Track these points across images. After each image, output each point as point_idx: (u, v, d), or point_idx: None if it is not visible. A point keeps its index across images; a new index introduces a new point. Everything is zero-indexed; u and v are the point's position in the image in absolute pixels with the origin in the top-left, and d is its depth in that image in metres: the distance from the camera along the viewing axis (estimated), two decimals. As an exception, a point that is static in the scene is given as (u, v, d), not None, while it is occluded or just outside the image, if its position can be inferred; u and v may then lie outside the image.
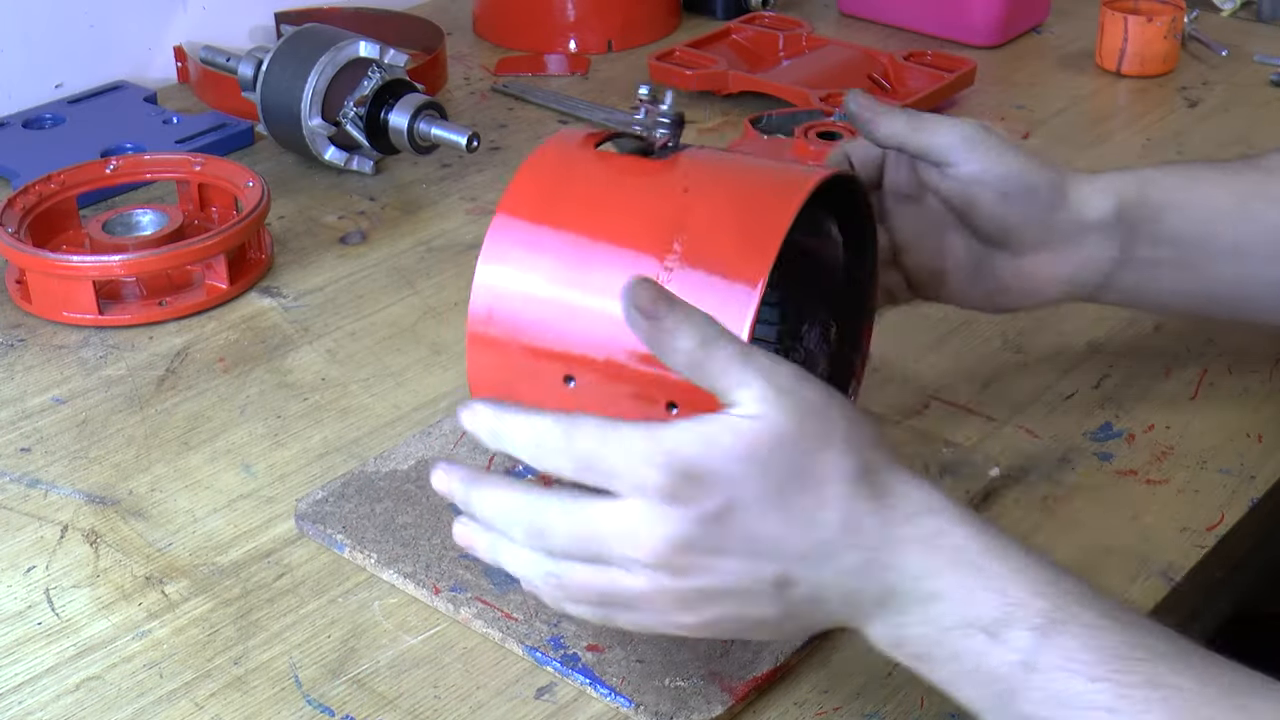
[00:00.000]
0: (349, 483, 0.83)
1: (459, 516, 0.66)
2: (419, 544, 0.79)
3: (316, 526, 0.80)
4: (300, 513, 0.81)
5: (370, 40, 1.18)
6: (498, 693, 0.71)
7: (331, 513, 0.81)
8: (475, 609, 0.75)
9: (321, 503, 0.82)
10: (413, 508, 0.81)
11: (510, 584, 0.76)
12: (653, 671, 0.71)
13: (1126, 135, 1.29)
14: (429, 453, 0.86)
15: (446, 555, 0.78)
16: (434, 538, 0.79)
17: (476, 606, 0.75)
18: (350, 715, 0.70)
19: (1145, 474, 0.85)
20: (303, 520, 0.81)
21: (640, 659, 0.72)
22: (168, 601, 0.77)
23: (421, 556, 0.78)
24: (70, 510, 0.84)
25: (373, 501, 0.82)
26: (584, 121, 1.32)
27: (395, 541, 0.79)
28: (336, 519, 0.81)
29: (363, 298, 1.05)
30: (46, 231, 1.08)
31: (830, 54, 1.39)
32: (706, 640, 0.72)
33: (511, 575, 0.65)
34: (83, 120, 1.30)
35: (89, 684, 0.72)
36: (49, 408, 0.93)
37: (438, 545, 0.79)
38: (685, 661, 0.72)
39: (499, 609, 0.75)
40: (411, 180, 1.22)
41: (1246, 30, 1.51)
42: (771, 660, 0.72)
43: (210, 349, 0.99)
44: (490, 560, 0.65)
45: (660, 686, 0.70)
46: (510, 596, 0.75)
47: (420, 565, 0.78)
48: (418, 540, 0.79)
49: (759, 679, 0.71)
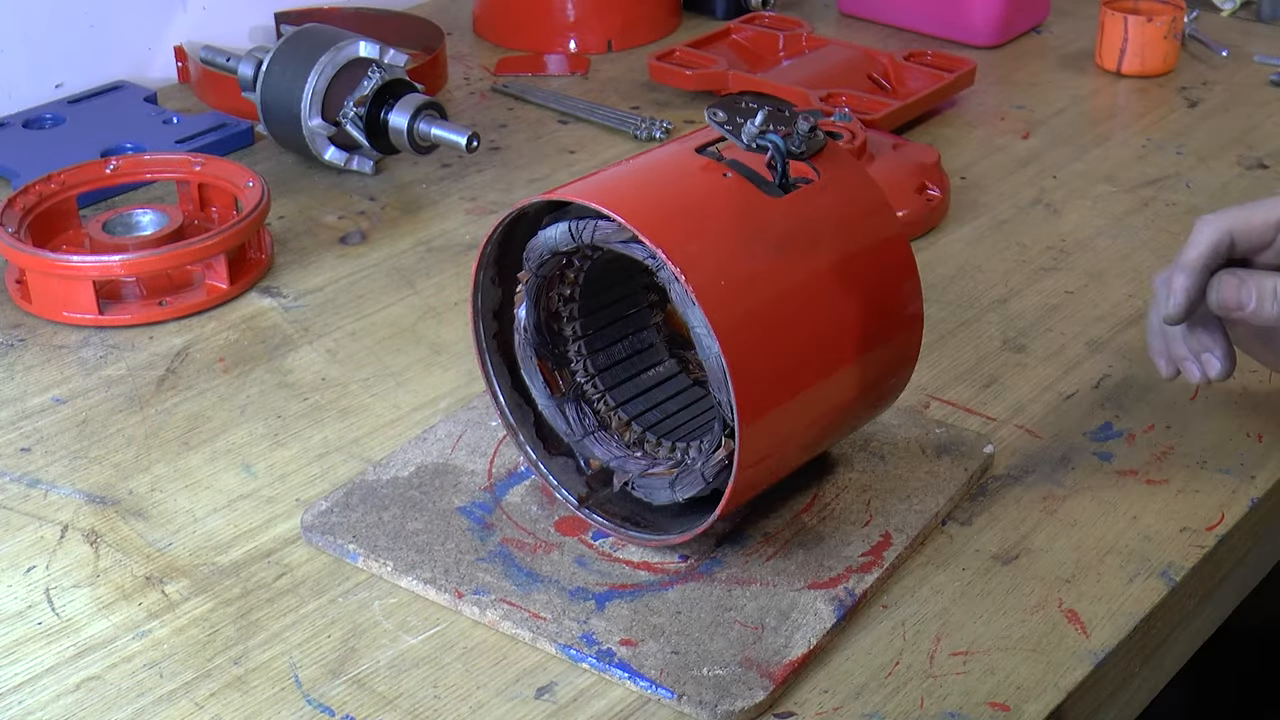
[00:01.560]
0: (352, 492, 0.83)
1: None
2: (433, 549, 0.79)
3: (326, 538, 0.80)
4: (307, 524, 0.81)
5: (370, 40, 1.18)
6: (498, 693, 0.71)
7: (339, 523, 0.81)
8: (502, 610, 0.75)
9: (327, 513, 0.82)
10: (420, 514, 0.81)
11: (532, 584, 0.76)
12: (689, 662, 0.72)
13: (1126, 135, 1.29)
14: (427, 459, 0.86)
15: (463, 559, 0.78)
16: (447, 542, 0.79)
17: (503, 608, 0.75)
18: (350, 715, 0.70)
19: (1145, 474, 0.85)
20: (310, 532, 0.81)
21: (675, 650, 0.72)
22: (168, 601, 0.77)
23: (439, 561, 0.78)
24: (70, 510, 0.84)
25: (379, 510, 0.82)
26: (584, 121, 1.32)
27: (409, 548, 0.79)
28: (345, 529, 0.80)
29: (363, 298, 1.05)
30: (46, 231, 1.08)
31: (830, 54, 1.39)
32: (737, 628, 0.73)
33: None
34: (83, 120, 1.30)
35: (89, 684, 0.72)
36: (49, 408, 0.93)
37: (452, 550, 0.79)
38: (720, 650, 0.72)
39: (526, 609, 0.75)
40: (411, 180, 1.22)
41: (1246, 30, 1.51)
42: (805, 644, 0.72)
43: (210, 349, 0.99)
44: None
45: (700, 676, 0.71)
46: (534, 596, 0.76)
47: (439, 570, 0.77)
48: (431, 546, 0.79)
49: (795, 662, 0.71)
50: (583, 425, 0.82)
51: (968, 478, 0.83)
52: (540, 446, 0.82)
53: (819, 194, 0.76)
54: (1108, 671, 0.74)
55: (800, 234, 0.74)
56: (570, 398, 0.82)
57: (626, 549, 0.79)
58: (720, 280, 0.71)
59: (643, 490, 0.80)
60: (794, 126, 0.76)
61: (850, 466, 0.85)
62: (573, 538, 0.80)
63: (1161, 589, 0.77)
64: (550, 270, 0.79)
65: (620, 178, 0.77)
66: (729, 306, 0.70)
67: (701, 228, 0.72)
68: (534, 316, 0.80)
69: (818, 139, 0.77)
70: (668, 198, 0.74)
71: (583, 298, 0.81)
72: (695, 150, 0.77)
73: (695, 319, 0.71)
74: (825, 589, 0.76)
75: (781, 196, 0.75)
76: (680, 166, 0.77)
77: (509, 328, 0.82)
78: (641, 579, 0.77)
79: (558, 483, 0.82)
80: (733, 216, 0.73)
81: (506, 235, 0.79)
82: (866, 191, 0.78)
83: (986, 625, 0.75)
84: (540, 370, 0.82)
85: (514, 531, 0.80)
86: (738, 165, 0.75)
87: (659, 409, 0.83)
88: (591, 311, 0.82)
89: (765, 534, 0.80)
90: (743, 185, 0.75)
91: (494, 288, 0.81)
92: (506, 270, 0.81)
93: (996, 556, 0.79)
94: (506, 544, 0.79)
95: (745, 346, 0.70)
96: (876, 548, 0.79)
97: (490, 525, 0.81)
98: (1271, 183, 1.20)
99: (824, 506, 0.82)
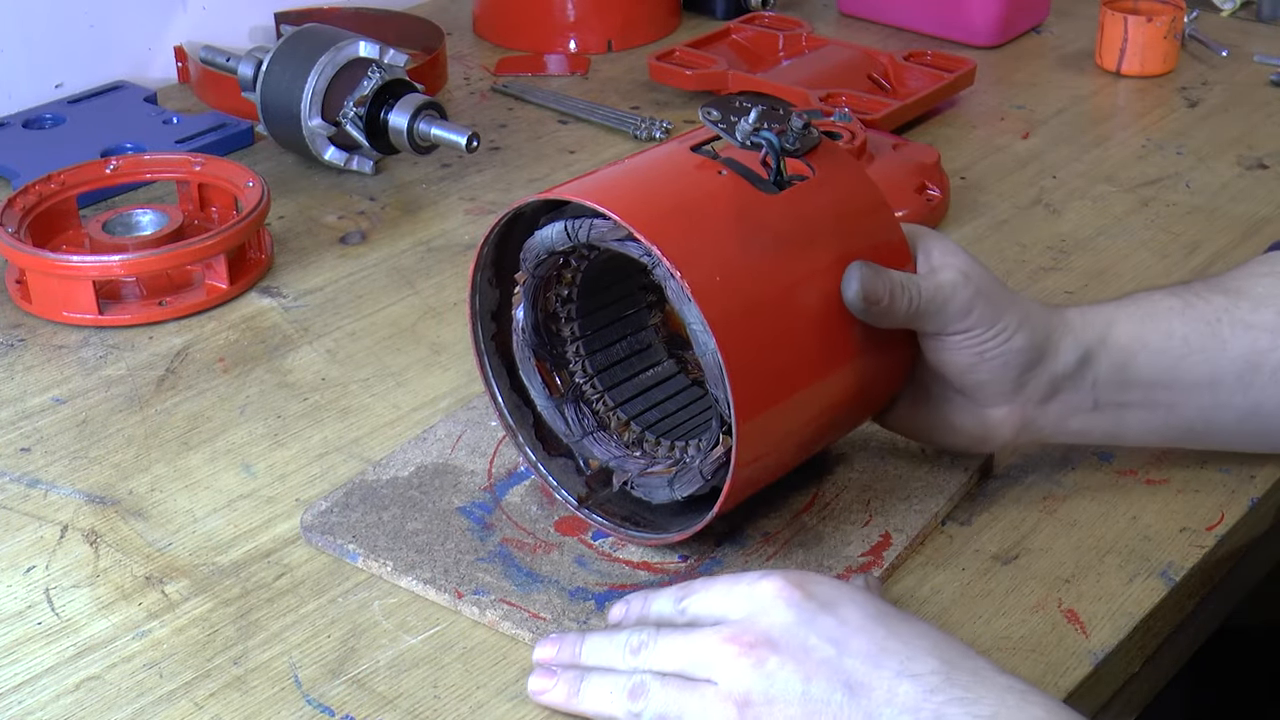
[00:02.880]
0: (351, 492, 0.83)
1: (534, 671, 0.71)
2: (433, 549, 0.79)
3: (326, 537, 0.80)
4: (306, 524, 0.81)
5: (370, 40, 1.18)
6: (498, 693, 0.71)
7: (339, 523, 0.81)
8: (501, 611, 0.75)
9: (327, 513, 0.82)
10: (420, 514, 0.81)
11: (532, 585, 0.76)
12: None
13: (1126, 135, 1.29)
14: (427, 459, 0.86)
15: (463, 559, 0.78)
16: (446, 542, 0.79)
17: (503, 609, 0.75)
18: (350, 715, 0.70)
19: (1145, 474, 0.85)
20: (310, 532, 0.81)
21: None
22: (168, 601, 0.77)
23: (438, 561, 0.78)
24: (70, 510, 0.84)
25: (379, 510, 0.82)
26: (584, 121, 1.32)
27: (409, 548, 0.79)
28: (345, 529, 0.80)
29: (363, 298, 1.05)
30: (47, 231, 1.08)
31: (830, 54, 1.39)
32: None
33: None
34: (83, 120, 1.30)
35: (89, 684, 0.72)
36: (49, 408, 0.93)
37: (451, 550, 0.79)
38: None
39: (526, 609, 0.75)
40: (411, 180, 1.22)
41: (1246, 30, 1.51)
42: None
43: (210, 349, 0.99)
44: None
45: None
46: (534, 596, 0.76)
47: (439, 570, 0.77)
48: (431, 546, 0.79)
49: None
50: (582, 425, 0.82)
51: (967, 478, 0.83)
52: (540, 447, 0.82)
53: (814, 191, 0.76)
54: (1108, 671, 0.74)
55: (796, 230, 0.74)
56: (569, 398, 0.82)
57: (626, 549, 0.79)
58: (716, 276, 0.71)
59: (642, 489, 0.80)
60: (788, 124, 0.76)
61: (850, 466, 0.85)
62: (573, 537, 0.80)
63: (1161, 589, 0.77)
64: (547, 270, 0.79)
65: (615, 176, 0.77)
66: (725, 302, 0.70)
67: (697, 225, 0.72)
68: (532, 317, 0.80)
69: (812, 136, 0.77)
70: (663, 195, 0.74)
71: (581, 298, 0.81)
72: (690, 149, 0.77)
73: (691, 315, 0.71)
74: None
75: (777, 193, 0.75)
76: (675, 165, 0.77)
77: (507, 329, 0.82)
78: (641, 579, 0.77)
79: (557, 483, 0.82)
80: (728, 213, 0.73)
81: (503, 236, 0.79)
82: (862, 188, 0.78)
83: (986, 625, 0.75)
84: (539, 371, 0.82)
85: (514, 531, 0.80)
86: (733, 163, 0.75)
87: (658, 409, 0.83)
88: (590, 312, 0.82)
89: (765, 534, 0.80)
90: (738, 182, 0.75)
91: (492, 289, 0.81)
92: (504, 271, 0.81)
93: (996, 556, 0.79)
94: (506, 544, 0.79)
95: (742, 342, 0.70)
96: (876, 548, 0.79)
97: (490, 525, 0.81)
98: (1271, 183, 1.20)
99: (824, 506, 0.82)
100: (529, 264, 0.78)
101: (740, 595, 0.67)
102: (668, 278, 0.71)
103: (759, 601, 0.66)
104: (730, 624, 0.66)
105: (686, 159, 0.77)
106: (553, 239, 0.76)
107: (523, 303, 0.80)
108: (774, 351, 0.72)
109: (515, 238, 0.79)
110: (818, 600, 0.65)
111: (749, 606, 0.66)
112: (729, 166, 0.75)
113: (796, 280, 0.74)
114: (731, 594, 0.67)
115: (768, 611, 0.65)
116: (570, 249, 0.77)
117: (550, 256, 0.78)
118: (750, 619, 0.66)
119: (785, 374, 0.73)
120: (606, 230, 0.73)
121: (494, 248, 0.79)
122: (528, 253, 0.78)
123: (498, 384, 0.82)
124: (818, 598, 0.66)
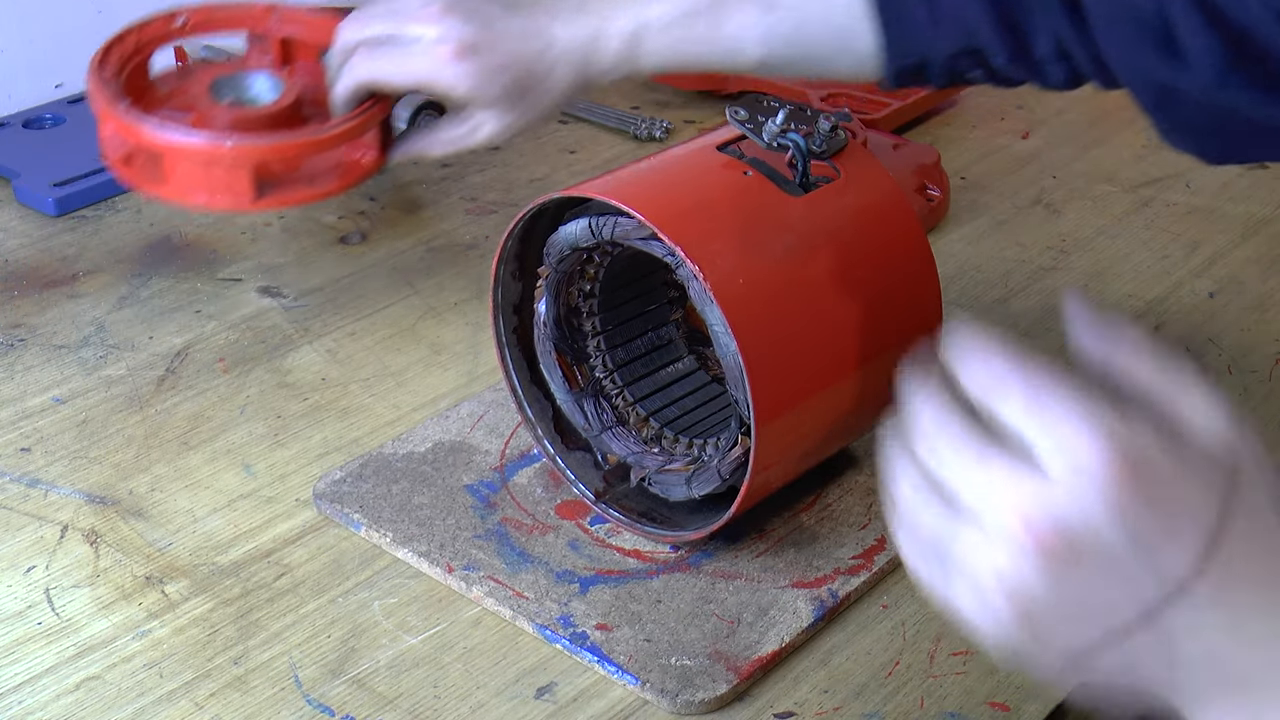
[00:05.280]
0: (366, 464, 0.85)
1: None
2: (434, 524, 0.80)
3: (334, 505, 0.81)
4: (318, 492, 0.82)
5: (370, 40, 1.17)
6: (498, 693, 0.71)
7: (349, 492, 0.82)
8: (487, 588, 0.76)
9: (340, 483, 0.83)
10: (428, 489, 0.82)
11: (522, 564, 0.77)
12: (660, 650, 0.72)
13: (1126, 135, 1.29)
14: (445, 436, 0.87)
15: (461, 535, 0.79)
16: (449, 518, 0.80)
17: (488, 585, 0.76)
18: (350, 715, 0.70)
19: (1145, 474, 0.85)
20: (320, 499, 0.82)
21: (648, 638, 0.73)
22: (168, 601, 0.77)
23: (436, 536, 0.79)
24: (70, 510, 0.84)
25: (389, 482, 0.83)
26: (584, 121, 1.32)
27: (411, 521, 0.80)
28: (354, 499, 0.82)
29: (363, 298, 1.05)
30: (141, 98, 0.94)
31: (830, 54, 1.39)
32: (714, 620, 0.73)
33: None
34: (83, 120, 1.29)
35: (89, 684, 0.72)
36: (49, 408, 0.93)
37: (452, 526, 0.80)
38: (692, 641, 0.72)
39: (510, 588, 0.76)
40: (411, 180, 1.22)
41: (1246, 30, 1.50)
42: (777, 641, 0.72)
43: (210, 349, 0.99)
44: None
45: (666, 665, 0.71)
46: (522, 576, 0.76)
47: (434, 545, 0.79)
48: (433, 520, 0.80)
49: (764, 659, 0.71)
50: (600, 420, 0.82)
51: None
52: (558, 441, 0.83)
53: (839, 193, 0.76)
54: (1108, 671, 0.74)
55: (820, 233, 0.74)
56: (589, 393, 0.82)
57: (620, 536, 0.80)
58: (739, 279, 0.71)
59: (659, 486, 0.80)
60: (815, 126, 0.76)
61: (858, 469, 0.85)
62: (570, 521, 0.81)
63: (1161, 589, 0.77)
64: (570, 266, 0.79)
65: (641, 175, 0.77)
66: (747, 305, 0.71)
67: (721, 226, 0.72)
68: (554, 311, 0.81)
69: (839, 138, 0.77)
70: (688, 195, 0.74)
71: (603, 293, 0.82)
72: (716, 148, 0.77)
73: (713, 317, 0.71)
74: (809, 589, 0.76)
75: (802, 196, 0.75)
76: (701, 164, 0.77)
77: (528, 322, 0.82)
78: (630, 566, 0.78)
79: (575, 477, 0.82)
80: (753, 215, 0.73)
81: (527, 230, 0.79)
82: (887, 191, 0.78)
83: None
84: (559, 365, 0.82)
85: (515, 512, 0.81)
86: (758, 164, 0.76)
87: (677, 405, 0.83)
88: (611, 307, 0.83)
89: (760, 530, 0.80)
90: (763, 184, 0.75)
91: (514, 282, 0.81)
92: (527, 265, 0.81)
93: (996, 556, 0.79)
94: (505, 523, 0.80)
95: (763, 345, 0.71)
96: (868, 551, 0.79)
97: (493, 504, 0.81)
98: (1271, 183, 1.20)
99: (825, 507, 0.82)
100: (552, 259, 0.78)
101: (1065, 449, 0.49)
102: (691, 279, 0.71)
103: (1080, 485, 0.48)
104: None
105: (712, 159, 0.77)
106: (576, 235, 0.76)
107: (545, 296, 0.80)
108: (795, 355, 0.72)
109: (539, 232, 0.79)
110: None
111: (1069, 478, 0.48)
112: (755, 167, 0.75)
113: (819, 283, 0.74)
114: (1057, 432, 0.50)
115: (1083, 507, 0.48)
116: (594, 245, 0.77)
117: (574, 252, 0.78)
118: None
119: (806, 376, 0.73)
120: (630, 229, 0.74)
121: (518, 241, 0.80)
122: (551, 248, 0.78)
123: (518, 377, 0.83)
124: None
